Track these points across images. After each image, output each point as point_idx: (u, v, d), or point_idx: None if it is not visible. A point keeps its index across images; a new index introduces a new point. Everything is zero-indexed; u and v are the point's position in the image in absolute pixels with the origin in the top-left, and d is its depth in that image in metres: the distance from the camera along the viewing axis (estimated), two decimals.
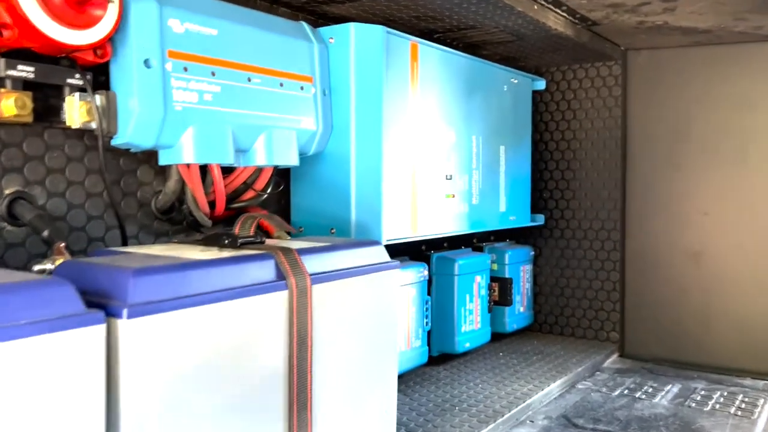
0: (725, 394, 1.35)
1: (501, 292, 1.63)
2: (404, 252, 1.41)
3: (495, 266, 1.64)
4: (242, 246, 0.79)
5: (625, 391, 1.37)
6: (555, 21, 1.28)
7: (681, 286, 1.61)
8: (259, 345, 0.72)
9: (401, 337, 1.25)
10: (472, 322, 1.47)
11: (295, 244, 0.84)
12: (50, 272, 0.72)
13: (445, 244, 1.58)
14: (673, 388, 1.39)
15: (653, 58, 1.63)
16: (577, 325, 1.74)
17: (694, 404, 1.28)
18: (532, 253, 1.74)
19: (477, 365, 1.45)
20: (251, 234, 0.81)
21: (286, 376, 0.75)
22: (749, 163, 1.53)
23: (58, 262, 0.72)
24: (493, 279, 1.62)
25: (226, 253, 0.75)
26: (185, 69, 0.83)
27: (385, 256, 0.92)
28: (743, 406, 1.27)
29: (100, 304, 0.59)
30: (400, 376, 1.33)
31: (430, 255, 1.45)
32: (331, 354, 0.81)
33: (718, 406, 1.27)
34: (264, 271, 0.74)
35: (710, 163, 1.57)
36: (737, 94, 1.54)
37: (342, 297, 0.83)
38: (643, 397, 1.33)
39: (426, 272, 1.33)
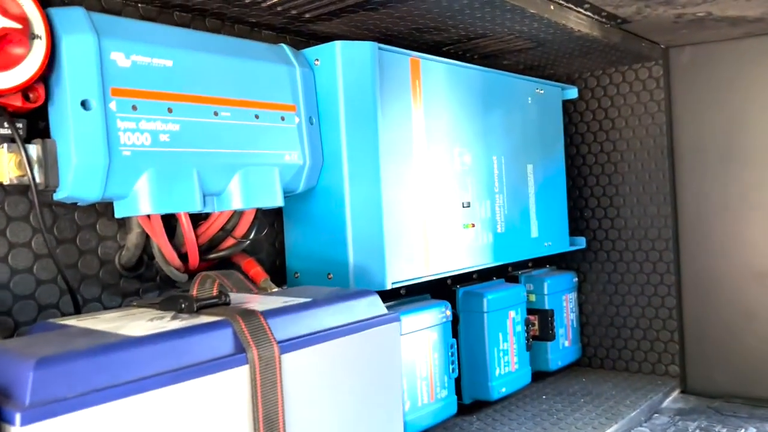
0: None
1: (541, 325, 1.47)
2: (426, 290, 1.27)
3: (533, 297, 1.48)
4: (201, 310, 0.68)
5: None
6: (577, 22, 1.13)
7: (747, 310, 1.41)
8: None
9: (424, 388, 1.10)
10: (507, 363, 1.31)
11: (267, 303, 0.71)
12: None
13: (475, 276, 1.43)
14: None
15: (698, 55, 1.45)
16: (630, 358, 1.55)
17: None
18: (576, 279, 1.57)
19: (515, 413, 1.29)
20: (213, 295, 0.70)
21: None
22: None
23: None
24: (531, 312, 1.45)
25: (176, 323, 0.63)
26: (134, 108, 0.73)
27: (380, 308, 0.79)
28: None
29: None
30: None
31: (456, 290, 1.30)
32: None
33: None
34: (218, 343, 0.62)
35: None
36: None
37: (324, 364, 0.70)
38: None
39: (449, 312, 1.18)
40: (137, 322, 0.64)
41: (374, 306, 0.78)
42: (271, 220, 1.03)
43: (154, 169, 0.74)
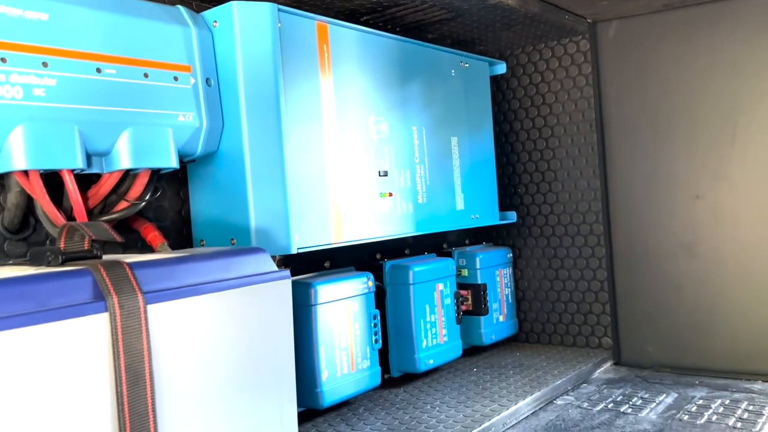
0: (727, 402, 1.16)
1: (474, 300, 1.47)
2: (354, 263, 1.26)
3: (465, 272, 1.48)
4: (67, 262, 0.66)
5: (610, 405, 1.18)
6: None
7: (676, 281, 1.42)
8: (69, 385, 0.58)
9: (343, 359, 1.09)
10: (435, 335, 1.31)
11: (140, 258, 0.70)
12: None
13: (407, 252, 1.43)
14: (667, 399, 1.20)
15: (624, 29, 1.46)
16: (565, 332, 1.56)
17: (687, 416, 1.10)
18: (510, 255, 1.57)
19: (442, 384, 1.28)
20: (84, 248, 0.68)
21: (115, 420, 0.61)
22: (742, 136, 1.34)
23: None
24: (464, 286, 1.45)
25: (35, 272, 0.61)
26: (2, 60, 0.71)
27: (269, 266, 0.78)
28: (745, 416, 1.08)
29: None
30: (346, 403, 1.18)
31: (383, 264, 1.30)
32: (190, 388, 0.67)
33: (715, 417, 1.08)
34: (76, 290, 0.60)
35: (698, 139, 1.38)
36: (721, 60, 1.35)
37: (201, 318, 0.69)
38: (629, 411, 1.15)
39: (371, 283, 1.18)
40: (5, 274, 0.62)
41: (263, 263, 0.77)
42: (176, 188, 1.02)
43: (28, 124, 0.72)
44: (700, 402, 1.17)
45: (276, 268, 0.78)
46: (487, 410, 1.11)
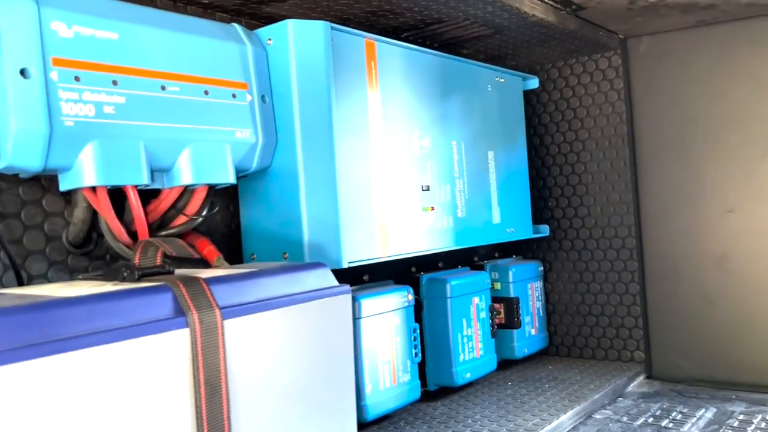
0: None
1: (507, 313, 1.47)
2: (390, 277, 1.27)
3: (498, 285, 1.48)
4: (142, 278, 0.67)
5: (650, 420, 1.19)
6: (531, 6, 1.14)
7: (708, 295, 1.43)
8: (151, 398, 0.58)
9: (386, 372, 1.10)
10: (472, 349, 1.31)
11: (210, 273, 0.71)
12: None
13: (441, 264, 1.44)
14: (707, 414, 1.20)
15: (655, 45, 1.48)
16: (597, 345, 1.57)
17: (730, 431, 1.10)
18: (541, 268, 1.58)
19: (480, 398, 1.29)
20: (157, 264, 0.69)
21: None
22: None
23: None
24: (496, 300, 1.46)
25: (114, 288, 0.63)
26: (77, 78, 0.72)
27: (330, 280, 0.79)
28: None
29: None
30: (387, 417, 1.18)
31: (420, 277, 1.31)
32: (260, 401, 0.68)
33: None
34: (157, 306, 0.61)
35: (729, 153, 1.39)
36: (752, 76, 1.37)
37: (270, 332, 0.69)
38: (671, 426, 1.15)
39: (411, 296, 1.18)
40: (75, 289, 0.64)
41: (324, 278, 0.78)
42: (226, 202, 1.03)
43: (99, 141, 0.74)
44: (741, 417, 1.17)
45: (336, 283, 0.79)
46: (529, 425, 1.12)
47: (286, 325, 0.71)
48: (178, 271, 0.71)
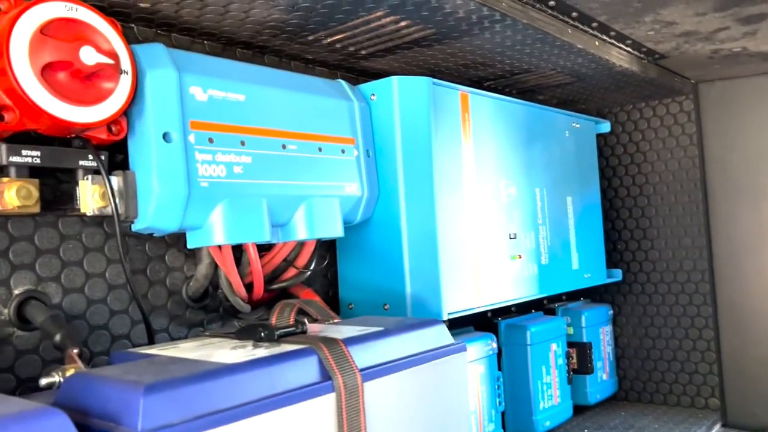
0: None
1: (580, 359, 1.46)
2: (468, 323, 1.27)
3: (570, 330, 1.47)
4: (281, 339, 0.68)
5: None
6: (619, 57, 1.16)
7: None
8: None
9: (472, 422, 1.10)
10: (551, 397, 1.30)
11: (341, 332, 0.72)
12: (58, 385, 0.62)
13: (513, 309, 1.43)
14: None
15: (728, 90, 1.48)
16: (669, 391, 1.54)
17: None
18: (611, 312, 1.57)
19: None
20: (291, 324, 0.70)
21: None
22: None
23: (68, 373, 0.62)
24: (569, 345, 1.45)
25: (262, 351, 0.64)
26: (210, 140, 0.74)
27: (447, 338, 0.79)
28: None
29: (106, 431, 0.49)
30: None
31: (498, 323, 1.30)
32: None
33: None
34: (305, 371, 0.62)
35: None
36: None
37: (400, 393, 0.70)
38: None
39: (494, 344, 1.18)
40: (222, 351, 0.65)
41: (442, 335, 0.79)
42: (323, 251, 1.04)
43: (228, 200, 0.75)
44: None
45: (453, 340, 0.80)
46: None
47: (413, 385, 0.72)
48: (311, 331, 0.72)
